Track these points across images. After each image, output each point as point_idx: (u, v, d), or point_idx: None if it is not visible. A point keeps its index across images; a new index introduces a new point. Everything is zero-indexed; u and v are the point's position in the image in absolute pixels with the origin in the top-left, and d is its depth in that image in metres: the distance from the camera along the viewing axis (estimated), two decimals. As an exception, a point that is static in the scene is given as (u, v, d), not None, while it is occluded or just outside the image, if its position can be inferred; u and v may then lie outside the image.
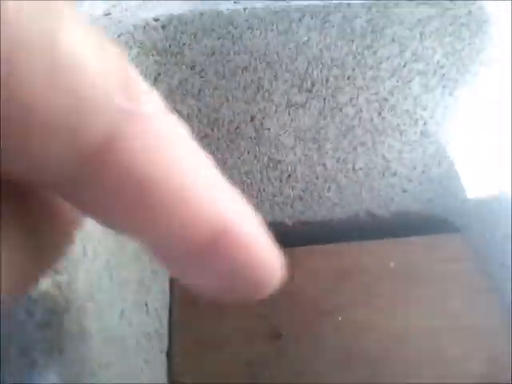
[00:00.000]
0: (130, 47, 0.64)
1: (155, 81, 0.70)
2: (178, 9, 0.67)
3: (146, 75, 0.68)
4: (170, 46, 0.68)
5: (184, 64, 0.70)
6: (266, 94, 0.75)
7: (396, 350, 0.70)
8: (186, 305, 0.75)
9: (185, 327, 0.73)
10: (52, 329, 0.38)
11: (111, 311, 0.53)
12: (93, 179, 0.18)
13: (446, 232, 0.87)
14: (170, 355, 0.70)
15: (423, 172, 0.84)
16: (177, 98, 0.73)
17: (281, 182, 0.84)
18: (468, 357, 0.70)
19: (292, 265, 0.74)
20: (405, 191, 0.85)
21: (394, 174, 0.84)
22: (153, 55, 0.68)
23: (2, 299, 0.18)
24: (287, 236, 0.87)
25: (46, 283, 0.39)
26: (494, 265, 0.78)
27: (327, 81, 0.75)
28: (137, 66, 0.66)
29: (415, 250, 0.81)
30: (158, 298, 0.71)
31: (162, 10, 0.67)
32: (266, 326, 0.72)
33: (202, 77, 0.72)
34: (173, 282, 0.78)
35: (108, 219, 0.20)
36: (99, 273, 0.49)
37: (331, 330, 0.72)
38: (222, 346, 0.71)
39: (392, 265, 0.79)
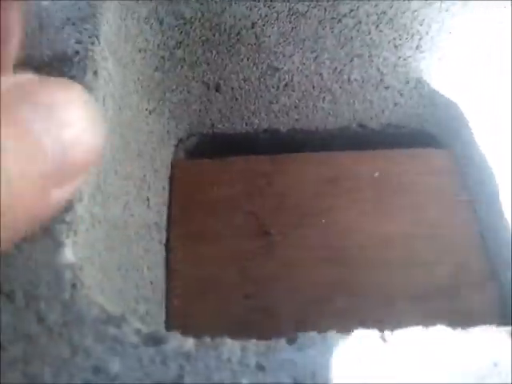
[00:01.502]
0: None
1: (160, -17, 0.71)
2: None
3: (151, -23, 0.69)
4: None
5: (189, -33, 0.71)
6: (268, 1, 0.76)
7: (374, 252, 0.76)
8: (183, 202, 0.81)
9: (181, 222, 0.79)
10: (69, 214, 0.42)
11: (116, 202, 0.58)
12: None
13: (433, 147, 0.92)
14: (167, 247, 0.76)
15: (415, 87, 0.87)
16: (181, 0, 0.74)
17: (278, 89, 0.86)
18: (438, 261, 0.76)
19: (282, 170, 0.80)
20: (396, 104, 0.88)
21: (387, 88, 0.87)
22: (159, -44, 0.69)
23: None
24: (281, 142, 0.91)
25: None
26: (473, 180, 0.83)
27: (329, -9, 0.76)
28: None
29: (400, 162, 0.86)
30: (159, 194, 0.76)
31: None
32: (256, 224, 0.78)
33: (207, -20, 0.73)
34: (172, 181, 0.83)
35: None
36: (105, 167, 0.54)
37: (316, 231, 0.78)
38: (215, 240, 0.77)
39: (377, 174, 0.83)
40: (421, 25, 0.81)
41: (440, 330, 0.40)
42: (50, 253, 0.41)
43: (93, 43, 0.52)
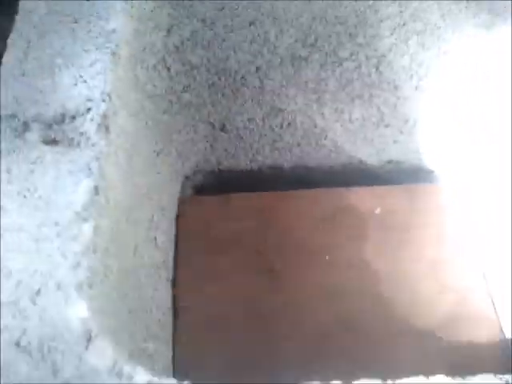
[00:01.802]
0: (146, 1, 0.68)
1: (168, 32, 0.74)
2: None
3: (159, 28, 0.72)
4: (182, 0, 0.72)
5: (195, 17, 0.74)
6: (272, 47, 0.80)
7: (373, 288, 0.78)
8: (189, 239, 0.83)
9: (188, 259, 0.81)
10: (83, 268, 0.45)
11: (127, 249, 0.61)
12: None
13: (432, 182, 0.94)
14: (174, 284, 0.78)
15: (414, 125, 0.89)
16: (188, 48, 0.77)
17: (281, 128, 0.89)
18: (438, 298, 0.78)
19: (284, 206, 0.82)
20: (396, 142, 0.91)
21: (387, 126, 0.89)
22: (166, 8, 0.72)
23: None
24: (285, 179, 0.94)
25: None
26: (473, 216, 0.86)
27: (330, 37, 0.79)
28: (151, 20, 0.71)
29: (400, 198, 0.88)
30: (166, 233, 0.79)
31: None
32: (260, 261, 0.81)
33: (212, 29, 0.76)
34: (178, 218, 0.85)
35: None
36: (118, 217, 0.56)
37: (318, 267, 0.80)
38: (220, 277, 0.79)
39: (377, 211, 0.86)
40: (420, 67, 0.83)
41: (440, 379, 0.42)
42: (64, 306, 0.43)
43: (104, 100, 0.55)
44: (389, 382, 0.42)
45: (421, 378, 0.43)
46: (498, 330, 0.76)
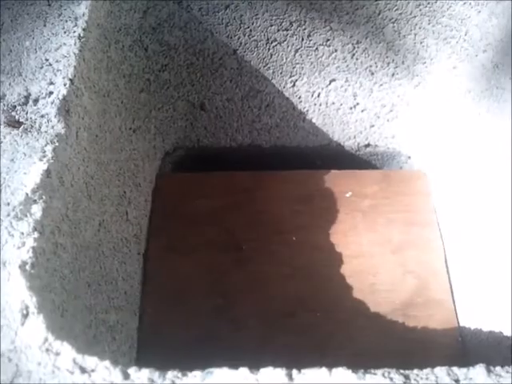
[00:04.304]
0: (119, -15, 0.70)
1: (144, 14, 0.76)
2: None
3: (135, 10, 0.74)
4: (157, -17, 0.73)
5: (171, 0, 0.76)
6: (248, 31, 0.81)
7: (336, 270, 0.81)
8: (164, 214, 0.86)
9: (161, 233, 0.84)
10: (27, 248, 0.48)
11: (89, 225, 0.64)
12: None
13: (408, 168, 0.96)
14: (145, 257, 0.82)
15: (391, 110, 0.91)
16: (165, 30, 0.79)
17: (260, 109, 0.91)
18: (400, 282, 0.81)
19: (262, 186, 0.84)
20: (372, 126, 0.92)
21: (364, 110, 0.91)
22: (141, -9, 0.73)
23: None
24: (264, 158, 0.96)
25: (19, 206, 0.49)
26: (445, 202, 0.87)
27: (305, 22, 0.80)
28: (126, 2, 0.72)
29: (374, 183, 0.90)
30: (139, 208, 0.82)
31: None
32: (230, 239, 0.84)
33: (188, 11, 0.78)
34: (155, 193, 0.88)
35: None
36: (76, 196, 0.59)
37: (285, 247, 0.83)
38: (190, 252, 0.82)
39: (348, 194, 0.88)
40: (396, 54, 0.84)
41: (341, 373, 0.44)
42: (7, 283, 0.47)
43: (65, 84, 0.58)
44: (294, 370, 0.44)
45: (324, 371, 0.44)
46: (454, 316, 0.78)
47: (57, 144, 0.54)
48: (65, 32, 0.62)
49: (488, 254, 0.75)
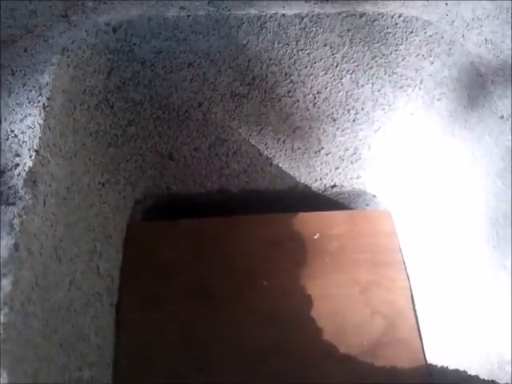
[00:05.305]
0: (84, 50, 0.72)
1: (109, 74, 0.78)
2: (127, 14, 0.74)
3: (99, 72, 0.76)
4: (121, 47, 0.76)
5: (135, 60, 0.78)
6: (212, 86, 0.84)
7: (305, 313, 0.83)
8: (136, 264, 0.88)
9: (132, 284, 0.86)
10: None
11: (59, 287, 0.65)
12: None
13: (374, 205, 0.99)
14: (118, 308, 0.83)
15: (354, 153, 0.94)
16: (130, 87, 0.81)
17: (227, 156, 0.93)
18: (368, 323, 0.83)
19: (232, 232, 0.87)
20: (337, 168, 0.95)
21: (328, 154, 0.94)
22: (105, 54, 0.76)
23: None
24: (233, 203, 0.99)
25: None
26: (410, 241, 0.90)
27: (266, 76, 0.83)
28: (90, 65, 0.75)
29: (340, 223, 0.93)
30: (110, 260, 0.84)
31: (115, 13, 0.74)
32: (201, 287, 0.85)
33: (152, 70, 0.80)
34: (126, 243, 0.90)
35: None
36: (45, 262, 0.61)
37: (256, 293, 0.85)
38: (162, 302, 0.84)
39: (316, 236, 0.90)
40: (356, 102, 0.87)
41: None
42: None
43: (31, 156, 0.60)
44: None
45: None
46: (421, 356, 0.81)
47: (24, 217, 0.56)
48: (29, 102, 0.64)
49: (454, 292, 0.78)
